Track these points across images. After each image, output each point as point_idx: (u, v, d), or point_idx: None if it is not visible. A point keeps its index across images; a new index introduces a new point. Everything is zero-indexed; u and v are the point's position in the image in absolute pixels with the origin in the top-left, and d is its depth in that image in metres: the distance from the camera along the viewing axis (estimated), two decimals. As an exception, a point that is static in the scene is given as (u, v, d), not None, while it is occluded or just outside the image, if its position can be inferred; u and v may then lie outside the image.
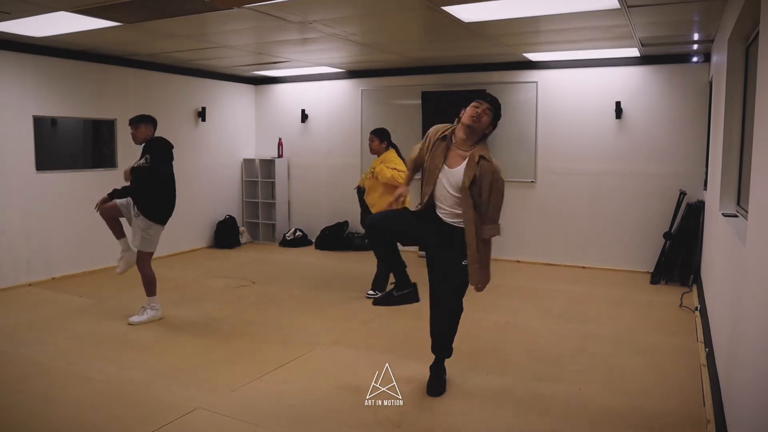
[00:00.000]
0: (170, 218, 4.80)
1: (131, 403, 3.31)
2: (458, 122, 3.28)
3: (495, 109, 3.25)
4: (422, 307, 5.18)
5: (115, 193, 4.72)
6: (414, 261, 6.97)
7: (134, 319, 4.68)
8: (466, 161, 3.22)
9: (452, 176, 3.23)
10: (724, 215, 3.83)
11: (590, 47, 5.98)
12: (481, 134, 3.26)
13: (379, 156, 5.38)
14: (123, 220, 4.84)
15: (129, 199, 4.70)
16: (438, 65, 7.34)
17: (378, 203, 5.24)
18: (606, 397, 3.41)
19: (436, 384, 3.43)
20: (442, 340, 3.45)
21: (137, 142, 4.71)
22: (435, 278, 3.39)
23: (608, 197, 6.78)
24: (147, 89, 7.21)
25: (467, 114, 3.21)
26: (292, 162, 8.77)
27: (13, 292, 5.75)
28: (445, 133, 3.31)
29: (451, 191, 3.23)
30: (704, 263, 5.49)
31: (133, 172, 4.60)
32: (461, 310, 3.40)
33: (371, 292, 5.48)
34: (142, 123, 4.68)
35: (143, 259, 4.70)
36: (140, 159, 4.62)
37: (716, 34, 5.15)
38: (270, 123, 8.88)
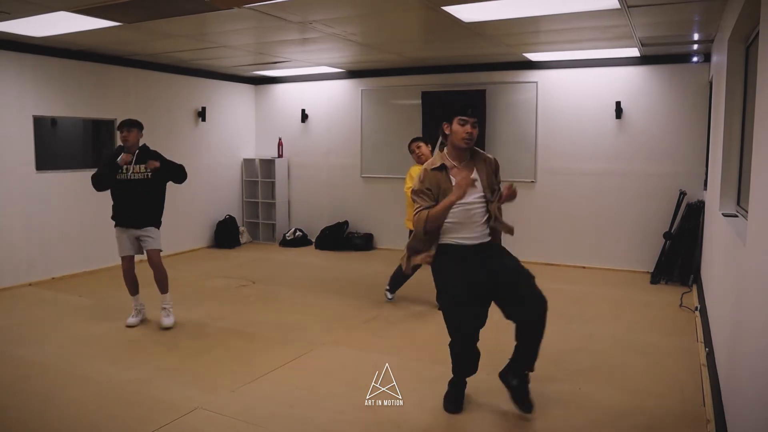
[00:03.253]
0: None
1: (131, 403, 3.31)
2: (442, 141, 3.17)
3: (478, 114, 3.11)
4: (422, 309, 5.20)
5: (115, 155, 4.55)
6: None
7: (167, 321, 4.60)
8: (477, 170, 3.11)
9: (476, 192, 3.09)
10: (724, 215, 3.82)
11: (590, 47, 5.98)
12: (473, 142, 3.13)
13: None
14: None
15: (127, 232, 4.60)
16: (438, 65, 7.34)
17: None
18: (606, 396, 3.40)
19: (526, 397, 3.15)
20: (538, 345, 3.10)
21: (129, 145, 4.54)
22: (513, 290, 3.07)
23: (608, 197, 6.77)
24: (147, 89, 7.21)
25: (458, 136, 3.05)
26: (292, 162, 8.77)
27: (13, 292, 5.75)
28: (435, 166, 3.11)
29: (480, 208, 3.12)
30: (704, 263, 5.49)
31: (133, 183, 4.52)
32: None
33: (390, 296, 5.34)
34: (135, 128, 4.60)
35: (160, 258, 4.69)
36: (134, 167, 4.51)
37: (716, 34, 5.15)
38: (270, 123, 8.88)
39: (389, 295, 5.35)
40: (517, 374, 3.16)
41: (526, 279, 3.08)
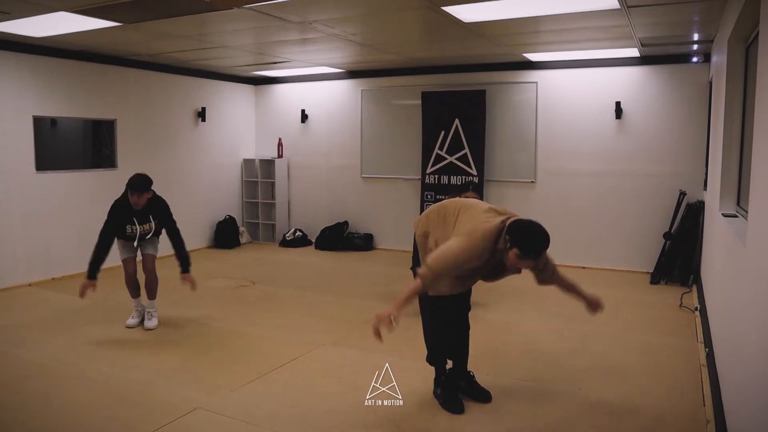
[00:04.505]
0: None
1: (131, 403, 3.31)
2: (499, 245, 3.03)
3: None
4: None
5: (94, 269, 4.49)
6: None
7: (150, 324, 4.67)
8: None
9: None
10: (724, 215, 3.83)
11: (590, 47, 5.98)
12: None
13: None
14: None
15: (128, 244, 4.67)
16: (438, 65, 7.34)
17: None
18: (606, 397, 3.41)
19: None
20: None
21: (140, 207, 4.49)
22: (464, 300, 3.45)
23: (608, 197, 6.77)
24: (147, 89, 7.21)
25: (511, 263, 2.99)
26: (292, 162, 8.77)
27: (13, 292, 5.75)
28: (500, 248, 3.00)
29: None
30: (704, 263, 5.49)
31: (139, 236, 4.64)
32: None
33: None
34: (146, 192, 4.48)
35: (155, 264, 4.77)
36: (141, 226, 4.59)
37: (716, 34, 5.15)
38: (270, 123, 8.88)
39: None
40: (462, 375, 3.38)
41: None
